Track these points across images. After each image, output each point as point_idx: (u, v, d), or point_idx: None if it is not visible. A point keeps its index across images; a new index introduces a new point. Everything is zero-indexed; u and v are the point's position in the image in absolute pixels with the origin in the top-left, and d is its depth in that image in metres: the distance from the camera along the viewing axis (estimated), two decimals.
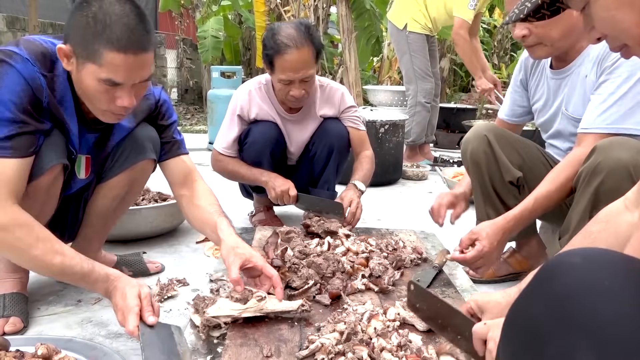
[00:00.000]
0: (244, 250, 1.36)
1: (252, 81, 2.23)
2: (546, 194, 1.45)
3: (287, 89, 2.01)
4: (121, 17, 1.21)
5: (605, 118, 1.42)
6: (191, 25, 10.91)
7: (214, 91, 4.53)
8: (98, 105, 1.31)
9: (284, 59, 1.93)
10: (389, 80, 6.43)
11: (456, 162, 3.77)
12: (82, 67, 1.24)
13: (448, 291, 1.53)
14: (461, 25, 3.39)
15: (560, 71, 1.59)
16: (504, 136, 1.67)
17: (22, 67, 1.24)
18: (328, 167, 2.24)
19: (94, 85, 1.25)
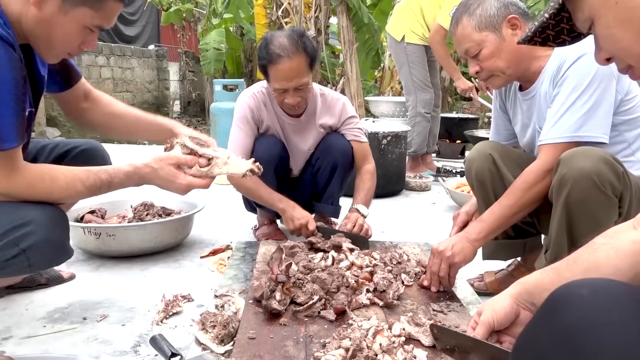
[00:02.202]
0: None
1: (254, 87, 2.22)
2: (503, 212, 1.50)
3: (283, 97, 2.02)
4: None
5: (558, 128, 1.45)
6: (193, 38, 11.00)
7: (216, 104, 4.55)
8: (62, 47, 1.28)
9: (276, 68, 1.94)
10: (390, 90, 6.45)
11: (459, 172, 3.77)
12: (71, 10, 1.21)
13: (453, 305, 1.52)
14: (437, 31, 3.52)
15: (527, 92, 1.63)
16: (508, 154, 1.68)
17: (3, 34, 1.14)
18: (332, 183, 2.25)
19: (75, 28, 1.24)
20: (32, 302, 1.73)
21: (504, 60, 1.52)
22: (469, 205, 1.80)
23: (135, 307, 1.71)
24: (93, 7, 1.23)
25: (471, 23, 1.52)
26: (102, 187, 1.29)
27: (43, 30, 1.23)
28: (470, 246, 1.52)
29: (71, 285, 1.88)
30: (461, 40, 1.55)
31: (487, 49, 1.51)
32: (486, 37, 1.51)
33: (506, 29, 1.50)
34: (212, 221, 2.69)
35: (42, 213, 1.23)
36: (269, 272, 1.61)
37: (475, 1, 1.53)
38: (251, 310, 1.45)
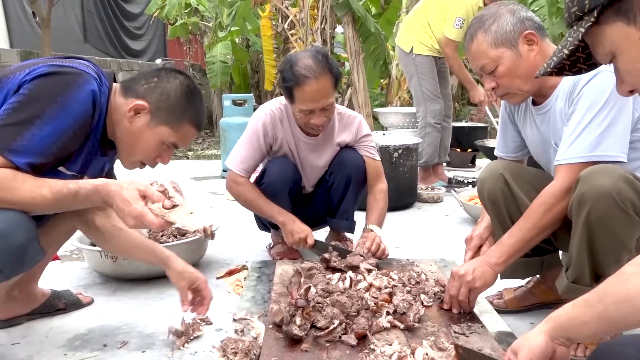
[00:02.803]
0: (191, 275, 1.60)
1: (272, 103, 2.21)
2: (523, 235, 1.49)
3: (308, 118, 2.02)
4: (200, 100, 1.50)
5: (575, 148, 1.43)
6: (199, 50, 11.06)
7: (226, 119, 4.57)
8: (140, 156, 1.47)
9: (303, 90, 1.94)
10: (398, 100, 6.45)
11: (470, 183, 3.76)
12: (155, 126, 1.42)
13: (474, 326, 1.51)
14: (447, 44, 3.58)
15: (541, 107, 1.61)
16: (520, 173, 1.67)
17: (94, 87, 1.34)
18: (346, 198, 2.25)
19: (154, 143, 1.44)
20: (52, 329, 1.74)
21: (521, 77, 1.50)
22: (482, 227, 1.76)
23: (154, 332, 1.71)
24: (172, 127, 1.44)
25: (487, 39, 1.50)
26: (67, 195, 1.26)
27: (129, 139, 1.44)
28: (491, 271, 1.51)
29: (90, 310, 1.88)
30: (476, 57, 1.54)
31: (503, 66, 1.50)
32: (502, 53, 1.49)
33: (522, 44, 1.49)
34: (225, 240, 2.69)
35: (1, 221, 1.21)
36: (288, 296, 1.61)
37: (490, 17, 1.52)
38: (272, 336, 1.45)
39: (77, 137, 1.33)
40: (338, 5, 5.81)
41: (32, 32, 10.08)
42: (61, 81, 1.28)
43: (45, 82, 1.27)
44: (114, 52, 12.10)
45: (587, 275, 1.41)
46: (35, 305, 1.78)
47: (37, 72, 1.28)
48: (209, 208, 3.52)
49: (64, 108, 1.27)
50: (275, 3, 6.95)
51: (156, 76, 1.45)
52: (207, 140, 8.61)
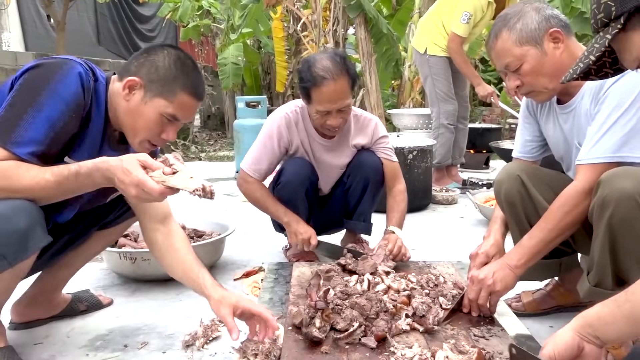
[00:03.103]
0: (231, 300, 1.44)
1: (288, 106, 2.22)
2: (543, 237, 1.48)
3: (325, 119, 2.03)
4: (194, 69, 1.46)
5: (598, 148, 1.42)
6: (211, 52, 11.11)
7: (239, 121, 4.59)
8: (143, 134, 1.44)
9: (321, 90, 1.95)
10: (411, 102, 6.44)
11: (485, 184, 3.74)
12: (149, 100, 1.41)
13: (494, 329, 1.51)
14: (452, 39, 3.57)
15: (565, 106, 1.59)
16: (537, 175, 1.65)
17: (82, 71, 1.36)
18: (364, 199, 2.25)
19: (153, 117, 1.41)
20: (73, 329, 1.76)
21: (546, 75, 1.49)
22: (488, 245, 1.70)
23: (174, 333, 1.72)
24: (167, 98, 1.41)
25: (511, 37, 1.49)
26: (69, 176, 1.27)
27: (129, 119, 1.44)
28: (511, 273, 1.50)
29: (110, 311, 1.90)
30: (501, 55, 1.53)
31: (528, 64, 1.48)
32: (527, 51, 1.48)
33: (548, 42, 1.47)
34: (242, 241, 2.71)
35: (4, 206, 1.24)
36: (307, 298, 1.62)
37: (515, 14, 1.50)
38: (291, 338, 1.46)
39: (73, 120, 1.35)
40: (350, 6, 5.82)
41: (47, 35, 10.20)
42: (46, 70, 1.33)
43: (32, 74, 1.33)
44: (126, 54, 12.19)
45: (610, 279, 1.40)
46: (56, 311, 1.81)
47: (24, 68, 1.34)
48: (223, 210, 3.54)
49: (53, 94, 1.31)
50: (287, 5, 6.97)
51: (145, 52, 1.45)
52: (219, 142, 8.65)
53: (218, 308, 1.43)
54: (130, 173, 1.22)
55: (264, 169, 2.19)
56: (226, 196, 3.98)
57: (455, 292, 1.71)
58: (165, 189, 1.22)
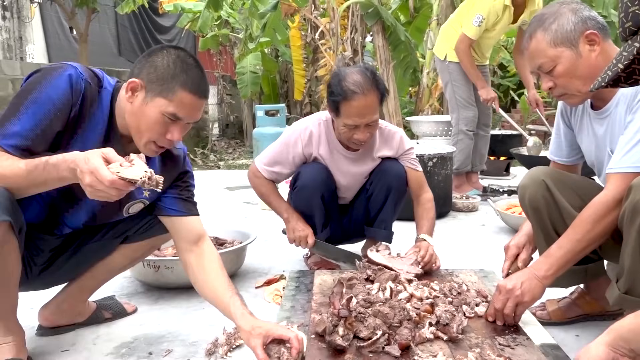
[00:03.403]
0: (261, 330, 1.46)
1: (312, 119, 2.24)
2: (572, 247, 1.46)
3: (352, 133, 2.04)
4: (194, 67, 1.45)
5: (630, 157, 1.39)
6: (229, 61, 11.23)
7: (259, 129, 4.63)
8: (148, 135, 1.44)
9: (350, 105, 1.96)
10: (429, 108, 6.42)
11: (506, 191, 3.71)
12: (150, 100, 1.41)
13: (519, 338, 1.49)
14: (462, 40, 3.55)
15: (600, 112, 1.57)
16: (562, 180, 1.63)
17: (72, 73, 1.39)
18: (385, 207, 2.25)
19: (155, 117, 1.41)
20: (99, 337, 1.79)
21: (580, 77, 1.47)
22: (520, 236, 1.74)
23: (197, 341, 1.74)
24: (166, 97, 1.41)
25: (546, 38, 1.47)
26: (38, 165, 1.28)
27: (134, 120, 1.45)
28: (539, 284, 1.48)
29: (134, 319, 1.93)
30: (535, 55, 1.51)
31: (562, 65, 1.47)
32: (562, 53, 1.46)
33: (583, 44, 1.45)
34: (262, 249, 2.72)
35: None
36: (330, 306, 1.62)
37: (551, 15, 1.49)
38: (315, 346, 1.46)
39: (58, 119, 1.37)
40: (368, 14, 5.84)
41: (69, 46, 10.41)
42: (42, 74, 1.39)
43: (31, 79, 1.39)
44: None
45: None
46: (81, 319, 1.84)
47: (29, 74, 1.41)
48: (244, 218, 3.56)
49: (40, 93, 1.35)
50: (305, 13, 7.01)
51: (147, 54, 1.46)
52: (237, 150, 8.72)
53: (248, 339, 1.46)
54: (89, 160, 1.22)
55: (275, 171, 2.22)
56: (246, 204, 4.00)
57: (478, 300, 1.70)
58: (117, 179, 1.21)
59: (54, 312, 1.78)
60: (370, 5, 5.80)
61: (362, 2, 5.91)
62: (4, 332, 1.45)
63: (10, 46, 12.41)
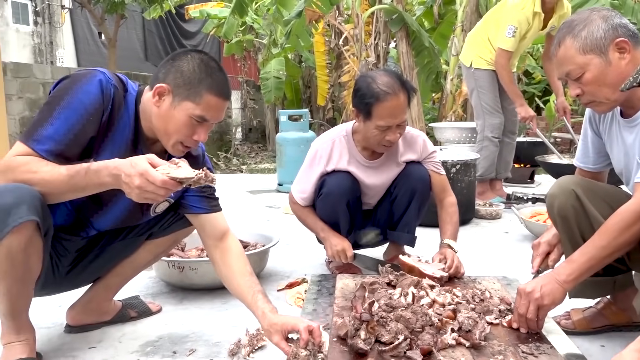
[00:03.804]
0: (277, 326, 1.51)
1: (334, 132, 2.28)
2: (595, 253, 1.44)
3: (383, 135, 2.05)
4: (218, 70, 1.50)
5: None
6: (253, 66, 11.33)
7: (282, 134, 4.66)
8: (175, 137, 1.49)
9: (383, 106, 1.99)
10: (453, 115, 6.38)
11: (531, 199, 3.67)
12: (178, 104, 1.46)
13: (543, 346, 1.48)
14: (499, 54, 3.51)
15: (630, 120, 1.54)
16: (592, 189, 1.61)
17: (102, 78, 1.44)
18: (409, 210, 2.26)
19: (183, 120, 1.46)
20: (125, 335, 1.82)
21: (609, 85, 1.45)
22: (551, 235, 1.72)
23: (220, 341, 1.76)
24: (193, 100, 1.46)
25: (575, 45, 1.46)
26: (80, 171, 1.33)
27: (161, 123, 1.50)
28: (560, 288, 1.47)
29: (159, 318, 1.96)
30: (563, 62, 1.50)
31: (590, 73, 1.46)
32: (590, 60, 1.45)
33: (613, 52, 1.44)
34: (285, 252, 2.74)
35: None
36: (352, 310, 1.63)
37: (581, 22, 1.47)
38: (337, 349, 1.47)
39: (91, 124, 1.42)
40: (392, 21, 5.84)
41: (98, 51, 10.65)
42: (72, 79, 1.44)
43: (61, 85, 1.44)
44: None
45: None
46: (107, 318, 1.88)
47: (58, 80, 1.46)
48: (266, 221, 3.59)
49: (74, 99, 1.40)
50: (329, 20, 7.05)
51: (172, 59, 1.51)
52: (260, 155, 8.78)
53: (270, 337, 1.53)
54: (136, 164, 1.27)
55: (308, 195, 2.28)
56: (268, 208, 4.03)
57: (502, 307, 1.69)
58: (168, 180, 1.27)
59: (81, 311, 1.82)
60: (394, 11, 5.81)
61: (386, 9, 5.93)
62: (17, 331, 1.47)
63: (42, 50, 12.75)
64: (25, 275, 1.40)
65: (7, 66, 5.32)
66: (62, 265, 1.64)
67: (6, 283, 1.37)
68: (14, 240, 1.31)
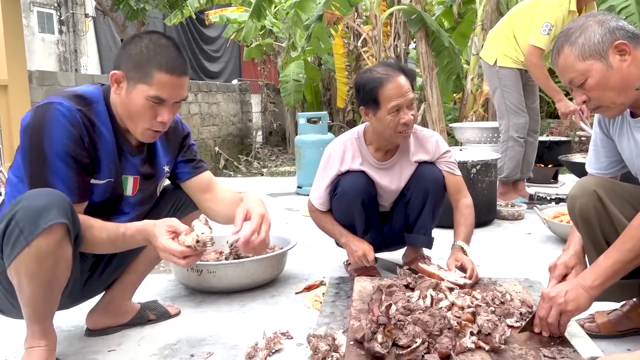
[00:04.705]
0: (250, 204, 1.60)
1: (345, 136, 2.29)
2: (621, 257, 1.40)
3: (397, 119, 2.05)
4: (168, 47, 1.49)
5: None
6: (273, 70, 11.41)
7: (301, 137, 4.66)
8: (140, 124, 1.51)
9: (388, 87, 2.02)
10: (474, 115, 6.31)
11: (554, 200, 3.59)
12: (133, 88, 1.47)
13: (565, 350, 1.44)
14: (532, 52, 3.38)
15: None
16: (614, 189, 1.57)
17: (62, 108, 1.43)
18: (424, 212, 2.23)
19: (141, 103, 1.47)
20: (144, 337, 1.84)
21: (613, 89, 1.42)
22: (568, 255, 1.64)
23: (238, 344, 1.76)
24: (146, 82, 1.46)
25: (573, 52, 1.44)
26: (118, 236, 1.48)
27: (124, 110, 1.52)
28: (585, 294, 1.43)
29: (177, 321, 1.97)
30: (564, 71, 1.48)
31: (593, 79, 1.43)
32: (591, 66, 1.42)
33: (613, 55, 1.41)
34: (303, 255, 2.74)
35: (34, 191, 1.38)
36: (369, 313, 1.61)
37: (577, 29, 1.45)
38: (353, 352, 1.45)
39: (81, 154, 1.46)
40: (411, 21, 5.81)
41: None
42: (37, 129, 1.42)
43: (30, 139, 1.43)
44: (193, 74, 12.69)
45: None
46: (127, 319, 1.89)
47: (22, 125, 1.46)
48: (285, 224, 3.59)
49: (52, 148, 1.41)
50: (348, 22, 7.05)
51: (124, 46, 1.51)
52: (280, 158, 8.82)
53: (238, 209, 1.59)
54: (157, 239, 1.43)
55: (324, 199, 2.28)
56: (287, 211, 4.04)
57: (523, 310, 1.65)
58: (185, 249, 1.41)
59: (102, 314, 1.84)
60: (413, 11, 5.77)
61: (405, 9, 5.90)
62: (39, 336, 1.47)
63: (66, 58, 13.03)
64: (52, 279, 1.41)
65: (33, 74, 5.44)
66: (84, 271, 1.67)
67: (33, 286, 1.39)
68: (43, 242, 1.33)
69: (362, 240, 2.23)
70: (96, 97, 1.53)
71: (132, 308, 1.91)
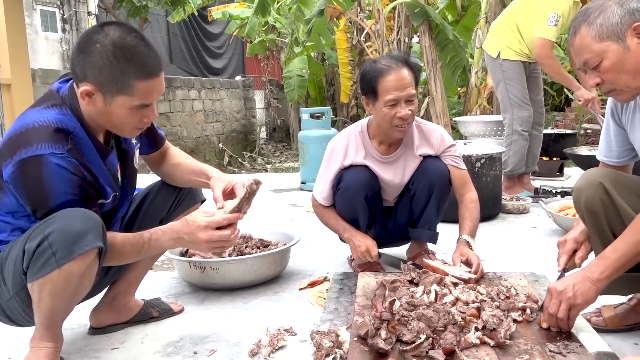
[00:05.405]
0: (228, 178, 1.66)
1: (349, 129, 2.27)
2: (628, 249, 1.39)
3: (394, 112, 2.03)
4: (136, 47, 1.37)
5: None
6: (276, 66, 11.39)
7: (304, 132, 4.65)
8: (128, 129, 1.49)
9: (388, 79, 2.01)
10: (478, 108, 6.27)
11: (559, 193, 3.56)
12: (112, 100, 1.39)
13: (571, 345, 1.42)
14: (542, 44, 3.33)
15: None
16: (621, 181, 1.54)
17: (56, 159, 1.34)
18: (429, 207, 2.22)
19: (125, 114, 1.42)
20: (147, 335, 1.83)
21: (629, 72, 1.38)
22: (577, 231, 1.66)
23: (241, 341, 1.75)
24: (127, 93, 1.38)
25: (590, 33, 1.40)
26: (143, 245, 1.49)
27: (105, 120, 1.45)
28: (592, 287, 1.41)
29: (181, 319, 1.96)
30: (579, 51, 1.44)
31: (608, 60, 1.39)
32: (608, 47, 1.38)
33: (631, 37, 1.37)
34: (307, 251, 2.72)
35: (67, 211, 1.35)
36: (372, 309, 1.60)
37: (596, 9, 1.41)
38: (357, 349, 1.44)
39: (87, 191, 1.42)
40: (414, 15, 5.77)
41: None
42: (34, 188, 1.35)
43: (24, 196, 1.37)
44: (196, 71, 12.68)
45: None
46: (130, 316, 1.89)
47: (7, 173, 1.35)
48: (289, 220, 3.58)
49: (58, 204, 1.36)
50: (351, 16, 7.01)
51: (81, 52, 1.36)
52: (284, 154, 8.81)
53: (214, 183, 1.66)
54: (194, 222, 1.45)
55: (327, 194, 2.27)
56: (291, 206, 4.02)
57: (529, 305, 1.63)
58: (228, 215, 1.44)
59: (106, 311, 1.84)
60: (416, 5, 5.73)
61: (408, 3, 5.86)
62: (48, 338, 1.48)
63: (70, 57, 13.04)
64: (74, 296, 1.44)
65: (36, 73, 5.45)
66: None
67: (54, 300, 1.40)
68: (76, 266, 1.35)
69: (366, 235, 2.21)
70: (70, 122, 1.42)
71: (135, 304, 1.91)
